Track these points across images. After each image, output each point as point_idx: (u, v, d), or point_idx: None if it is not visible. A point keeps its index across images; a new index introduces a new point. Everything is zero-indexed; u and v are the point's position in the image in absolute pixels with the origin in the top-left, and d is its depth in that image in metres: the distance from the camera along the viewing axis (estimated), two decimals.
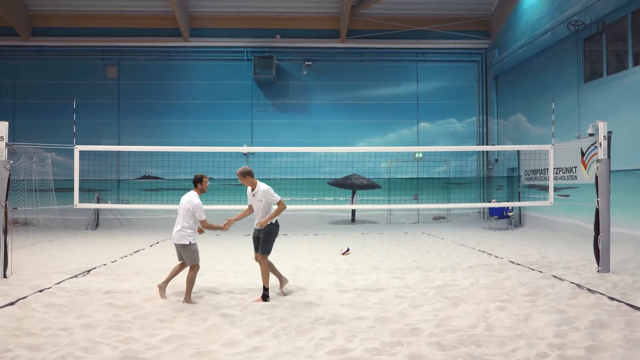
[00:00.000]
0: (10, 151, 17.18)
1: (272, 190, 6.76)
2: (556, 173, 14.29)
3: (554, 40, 14.25)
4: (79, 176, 8.47)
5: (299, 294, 6.97)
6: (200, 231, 6.84)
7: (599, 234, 8.06)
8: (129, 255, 10.69)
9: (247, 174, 6.77)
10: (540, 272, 8.34)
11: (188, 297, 6.51)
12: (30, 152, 16.15)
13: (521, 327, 5.29)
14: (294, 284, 7.59)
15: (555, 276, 7.89)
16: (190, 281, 6.59)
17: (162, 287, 6.75)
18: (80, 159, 8.43)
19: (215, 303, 6.44)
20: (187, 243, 6.53)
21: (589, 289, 6.88)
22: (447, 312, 5.94)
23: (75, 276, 8.18)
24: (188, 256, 6.60)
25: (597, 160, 8.24)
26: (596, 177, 8.22)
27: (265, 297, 6.60)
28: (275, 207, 6.84)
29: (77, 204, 8.19)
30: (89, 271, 8.65)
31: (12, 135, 17.51)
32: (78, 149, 8.08)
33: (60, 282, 7.59)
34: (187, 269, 6.72)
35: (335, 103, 18.94)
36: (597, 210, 8.14)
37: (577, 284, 7.20)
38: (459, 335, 4.98)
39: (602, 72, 12.74)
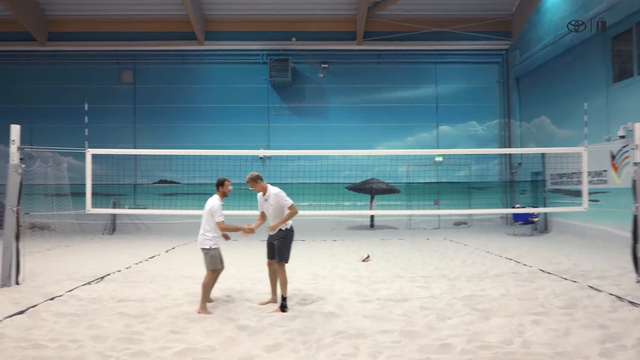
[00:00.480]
0: (27, 155, 17.29)
1: (284, 194, 6.48)
2: None
3: (580, 39, 13.74)
4: (97, 181, 8.27)
5: (318, 303, 6.63)
6: (225, 237, 6.63)
7: (637, 242, 7.58)
8: (143, 262, 10.46)
9: (257, 178, 6.51)
10: (575, 282, 7.87)
11: (202, 306, 6.24)
12: (46, 156, 16.11)
13: (561, 344, 4.88)
14: (313, 293, 7.26)
15: (591, 287, 7.42)
16: (205, 288, 6.35)
17: (211, 298, 6.68)
18: (97, 164, 8.24)
19: (231, 313, 6.13)
20: (208, 247, 6.34)
21: (630, 302, 6.41)
22: (478, 325, 5.54)
23: (89, 283, 7.95)
24: (207, 260, 6.41)
25: (635, 164, 7.77)
26: (633, 182, 7.75)
27: (283, 307, 6.28)
28: (278, 218, 6.51)
29: (89, 209, 7.97)
30: (102, 278, 8.42)
31: (29, 139, 17.66)
32: (90, 152, 7.87)
33: (72, 290, 7.35)
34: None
35: (352, 106, 18.61)
36: (635, 217, 7.66)
37: (616, 296, 6.73)
38: (494, 353, 4.60)
39: (632, 71, 12.22)
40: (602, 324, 5.46)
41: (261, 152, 9.07)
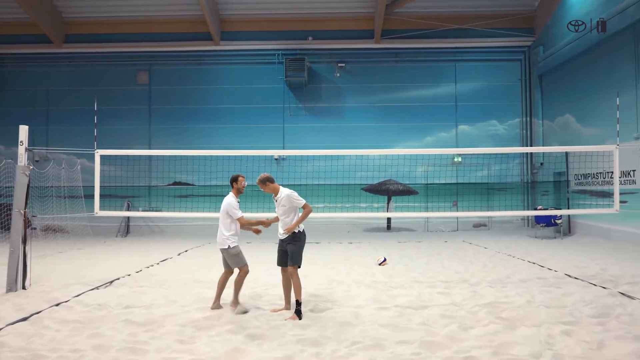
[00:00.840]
0: (43, 158, 17.33)
1: (296, 194, 6.26)
2: (611, 177, 13.19)
3: (607, 34, 13.18)
4: (111, 182, 8.09)
5: (333, 310, 6.31)
6: (256, 231, 6.53)
7: None
8: (155, 265, 10.25)
9: (267, 180, 6.31)
10: (604, 287, 7.43)
11: (234, 300, 6.27)
12: (60, 158, 16.08)
13: (596, 357, 4.50)
14: (328, 299, 6.95)
15: (622, 293, 6.97)
16: (238, 284, 6.32)
17: (220, 305, 6.48)
18: (112, 165, 8.05)
19: (241, 320, 5.85)
20: (227, 247, 6.23)
21: None
22: (503, 336, 5.18)
23: (97, 288, 7.74)
24: (231, 260, 6.31)
25: None
26: None
27: (298, 313, 6.04)
28: (291, 221, 6.27)
29: (97, 211, 7.77)
30: (111, 282, 8.20)
31: (46, 141, 17.74)
32: (99, 153, 7.67)
33: (79, 295, 7.14)
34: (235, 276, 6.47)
35: (369, 106, 18.23)
36: None
37: None
38: None
39: None
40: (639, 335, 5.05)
41: (276, 152, 8.79)
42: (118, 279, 8.51)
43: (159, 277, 8.76)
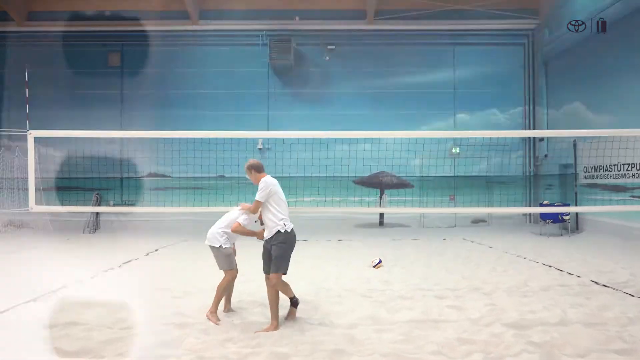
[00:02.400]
0: (6, 147, 15.75)
1: (262, 185, 5.16)
2: (627, 169, 12.04)
3: (625, 12, 11.98)
4: (79, 174, 6.71)
5: (322, 332, 5.01)
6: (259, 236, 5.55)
7: None
8: (115, 268, 8.83)
9: (252, 167, 5.37)
10: None
11: (211, 309, 5.44)
12: (13, 145, 14.53)
13: None
14: (314, 315, 5.66)
15: None
16: (219, 289, 5.48)
17: (227, 306, 5.86)
18: (80, 155, 6.65)
19: (201, 348, 4.52)
20: (218, 246, 5.46)
21: None
22: None
23: (34, 300, 6.34)
24: (219, 260, 5.56)
25: None
26: None
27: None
28: (272, 217, 5.19)
29: (32, 206, 6.37)
30: (55, 292, 6.80)
31: (7, 128, 16.13)
32: (32, 134, 6.26)
33: (3, 312, 5.73)
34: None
35: (360, 92, 16.88)
36: None
37: None
38: None
39: None
40: None
41: (259, 134, 7.45)
42: (65, 287, 7.10)
43: (115, 283, 7.38)
